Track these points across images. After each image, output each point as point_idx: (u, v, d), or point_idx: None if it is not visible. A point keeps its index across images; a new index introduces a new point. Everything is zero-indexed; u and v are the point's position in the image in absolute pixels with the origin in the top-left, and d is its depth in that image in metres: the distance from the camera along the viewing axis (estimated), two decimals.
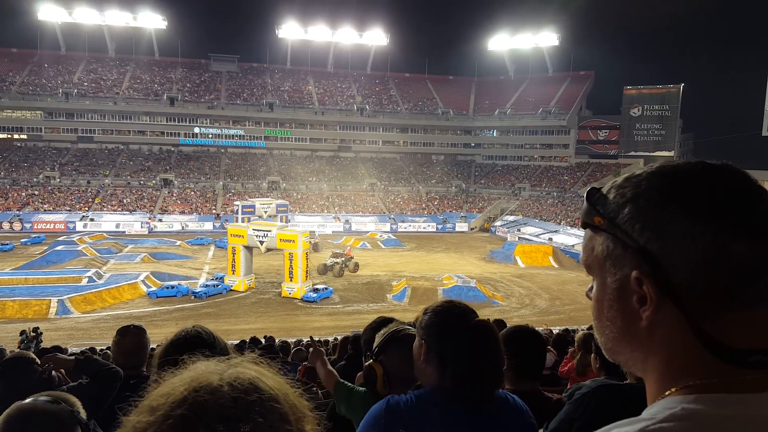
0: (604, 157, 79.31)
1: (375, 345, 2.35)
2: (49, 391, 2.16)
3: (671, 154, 74.88)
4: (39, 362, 3.48)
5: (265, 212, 43.83)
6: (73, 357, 3.41)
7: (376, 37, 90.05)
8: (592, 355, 3.80)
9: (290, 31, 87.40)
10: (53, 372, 3.48)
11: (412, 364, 2.10)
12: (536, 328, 3.49)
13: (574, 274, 42.37)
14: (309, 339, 4.44)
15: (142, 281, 34.73)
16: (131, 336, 3.53)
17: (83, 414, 2.09)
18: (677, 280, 0.73)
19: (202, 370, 0.82)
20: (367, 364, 2.34)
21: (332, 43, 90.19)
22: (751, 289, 0.72)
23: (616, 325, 0.81)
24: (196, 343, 2.22)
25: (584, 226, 0.86)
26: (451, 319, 1.87)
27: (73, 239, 47.98)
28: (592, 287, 0.89)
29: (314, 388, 4.71)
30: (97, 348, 13.60)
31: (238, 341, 12.89)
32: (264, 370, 0.85)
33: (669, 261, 0.74)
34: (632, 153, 76.32)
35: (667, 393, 0.76)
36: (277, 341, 13.37)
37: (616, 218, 0.79)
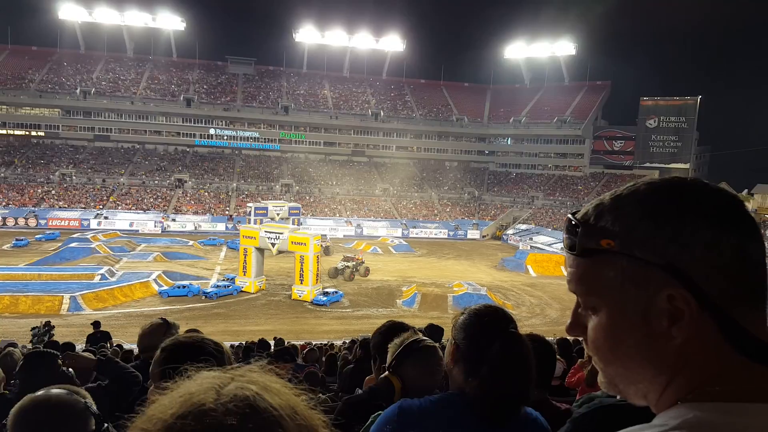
0: (619, 167, 78.70)
1: (391, 356, 2.28)
2: (60, 385, 2.18)
3: (687, 166, 74.22)
4: (62, 358, 3.53)
5: (278, 215, 44.10)
6: (94, 358, 3.45)
7: (392, 43, 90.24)
8: None
9: (307, 35, 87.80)
10: (70, 370, 3.52)
11: (430, 376, 2.05)
12: (546, 338, 3.44)
13: None
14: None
15: (154, 280, 34.92)
16: (159, 325, 3.82)
17: (94, 407, 2.10)
18: (710, 289, 0.73)
19: (197, 387, 0.74)
20: (383, 376, 2.29)
21: (349, 47, 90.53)
22: (765, 287, 0.75)
23: (640, 350, 0.78)
24: (197, 351, 2.11)
25: (585, 253, 0.82)
26: (485, 324, 1.82)
27: (87, 237, 48.45)
28: (574, 321, 0.87)
29: (320, 396, 4.62)
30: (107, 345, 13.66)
31: (246, 343, 12.95)
32: (270, 382, 0.77)
33: (699, 271, 0.73)
34: (647, 164, 75.66)
35: (678, 401, 0.75)
36: (286, 343, 13.38)
37: (630, 237, 0.77)
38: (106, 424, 2.17)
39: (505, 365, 1.72)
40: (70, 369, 3.41)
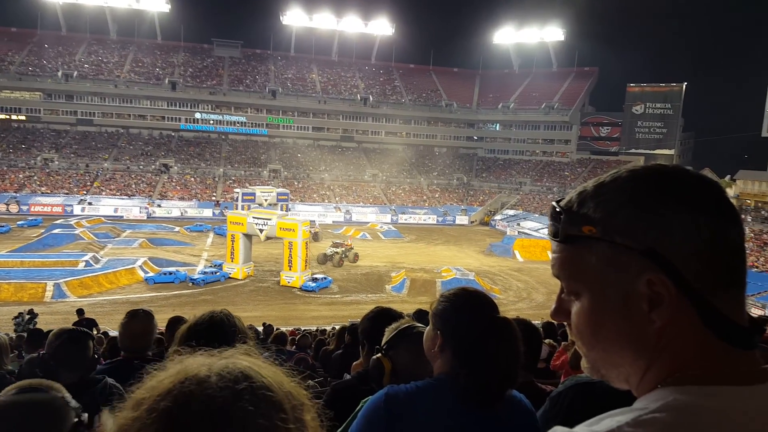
0: (605, 153, 79.28)
1: (385, 340, 2.29)
2: (32, 380, 2.06)
3: (672, 152, 74.84)
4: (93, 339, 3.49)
5: (266, 200, 43.73)
6: None
7: (381, 27, 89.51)
8: None
9: (295, 17, 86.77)
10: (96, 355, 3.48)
11: (421, 363, 2.03)
12: (532, 322, 3.42)
13: None
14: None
15: (140, 267, 34.55)
16: (139, 320, 3.62)
17: (74, 401, 2.00)
18: (689, 273, 0.74)
19: (190, 362, 0.79)
20: (375, 357, 2.27)
21: (337, 31, 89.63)
22: (744, 271, 0.77)
23: (621, 334, 0.79)
24: (216, 330, 2.29)
25: (568, 239, 0.84)
26: (469, 311, 1.82)
27: (71, 223, 47.72)
28: (558, 306, 0.90)
29: (309, 381, 4.57)
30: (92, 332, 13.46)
31: None
32: (257, 360, 0.82)
33: (679, 256, 0.74)
34: (633, 150, 76.21)
35: (659, 385, 0.77)
36: (274, 329, 13.27)
37: (611, 223, 0.79)
38: (79, 417, 2.07)
39: (496, 351, 1.73)
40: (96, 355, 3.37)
